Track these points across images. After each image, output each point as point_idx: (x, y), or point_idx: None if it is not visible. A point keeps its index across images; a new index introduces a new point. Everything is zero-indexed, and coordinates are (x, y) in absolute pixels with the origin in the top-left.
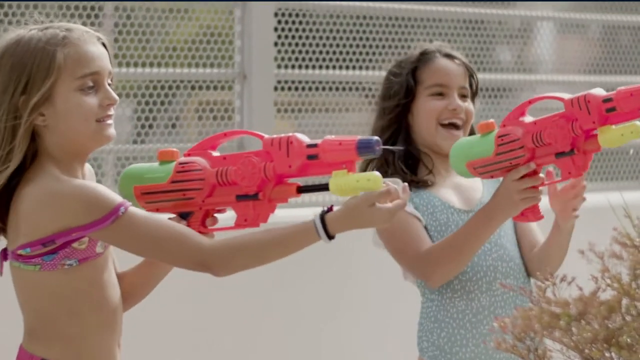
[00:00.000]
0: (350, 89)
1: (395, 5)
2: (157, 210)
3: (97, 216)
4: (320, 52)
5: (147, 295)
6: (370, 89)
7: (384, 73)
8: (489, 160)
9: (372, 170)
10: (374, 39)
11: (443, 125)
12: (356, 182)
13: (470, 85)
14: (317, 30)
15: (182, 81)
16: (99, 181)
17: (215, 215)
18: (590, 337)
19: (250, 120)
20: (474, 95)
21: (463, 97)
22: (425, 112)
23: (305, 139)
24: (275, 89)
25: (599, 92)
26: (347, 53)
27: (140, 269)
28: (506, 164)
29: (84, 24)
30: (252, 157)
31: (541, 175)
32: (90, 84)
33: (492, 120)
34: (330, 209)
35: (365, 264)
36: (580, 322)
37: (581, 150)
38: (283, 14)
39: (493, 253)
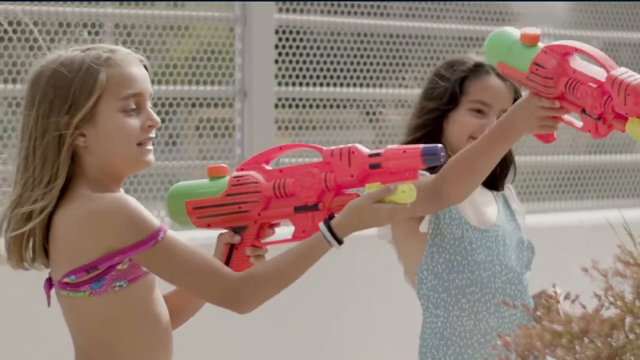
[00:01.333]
0: (351, 106)
1: (394, 22)
2: (209, 225)
3: (139, 237)
4: (321, 70)
5: (191, 317)
6: (371, 106)
7: (383, 90)
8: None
9: None
10: (374, 57)
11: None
12: (391, 196)
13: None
14: (318, 48)
15: (182, 98)
16: None
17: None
18: (592, 355)
19: (251, 137)
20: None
21: None
22: (461, 125)
23: (366, 149)
24: (276, 106)
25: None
26: (348, 70)
27: (177, 293)
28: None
29: (84, 41)
30: (311, 168)
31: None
32: (133, 105)
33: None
34: (332, 215)
35: (365, 277)
36: (582, 340)
37: (607, 122)
38: (284, 32)
39: (502, 276)
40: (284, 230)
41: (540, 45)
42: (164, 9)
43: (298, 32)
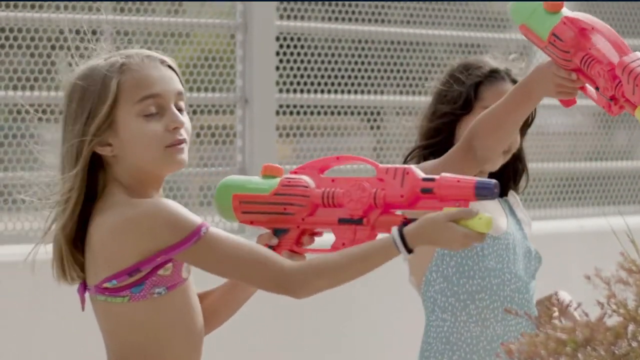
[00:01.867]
0: (352, 113)
1: (395, 29)
2: (251, 222)
3: (180, 237)
4: (322, 77)
5: (228, 320)
6: (372, 113)
7: (384, 97)
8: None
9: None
10: (374, 63)
11: None
12: (465, 221)
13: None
14: (319, 55)
15: None
16: None
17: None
18: None
19: (252, 144)
20: (527, 126)
21: None
22: None
23: (421, 172)
24: (277, 113)
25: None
26: (349, 77)
27: (222, 291)
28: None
29: (85, 48)
30: (364, 182)
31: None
32: (153, 109)
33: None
34: (407, 223)
35: (368, 287)
36: (586, 348)
37: (619, 104)
38: (285, 38)
39: (512, 284)
40: (325, 240)
41: (564, 12)
42: (164, 15)
43: (299, 39)
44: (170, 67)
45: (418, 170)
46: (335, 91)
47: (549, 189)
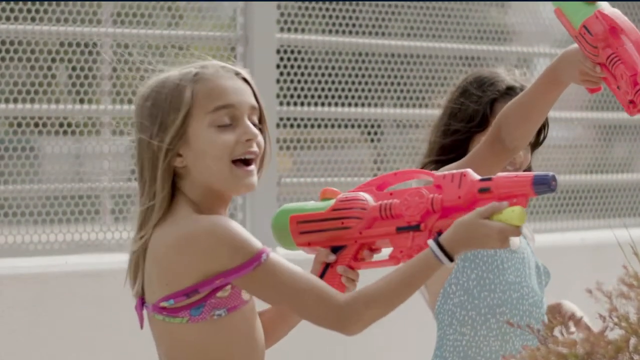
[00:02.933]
0: (353, 125)
1: (395, 42)
2: (309, 244)
3: (240, 261)
4: (322, 89)
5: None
6: (372, 126)
7: (385, 110)
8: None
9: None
10: (375, 76)
11: None
12: (499, 214)
13: (538, 134)
14: (320, 67)
15: None
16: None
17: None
18: None
19: None
20: (538, 144)
21: (529, 144)
22: None
23: (477, 175)
24: (277, 126)
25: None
26: (349, 90)
27: (274, 314)
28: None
29: (85, 60)
30: (421, 189)
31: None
32: (227, 120)
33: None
34: (440, 232)
35: None
36: None
37: (637, 108)
38: (285, 51)
39: (530, 298)
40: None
41: (599, 5)
42: (164, 28)
43: (300, 52)
44: (245, 80)
45: (474, 172)
46: (336, 104)
47: (549, 202)
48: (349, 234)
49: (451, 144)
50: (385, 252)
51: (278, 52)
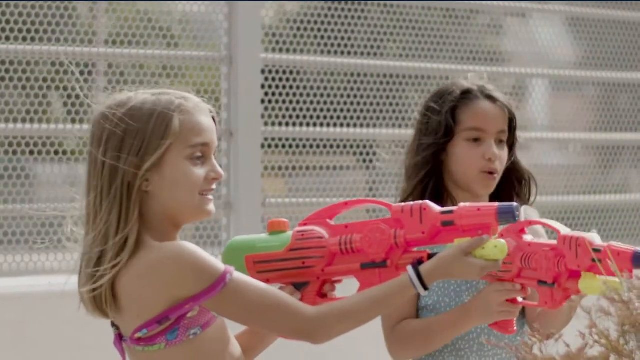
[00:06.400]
0: (345, 146)
1: (386, 62)
2: (267, 280)
3: (205, 284)
4: (307, 110)
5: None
6: (365, 147)
7: (376, 130)
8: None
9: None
10: (360, 96)
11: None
12: (482, 249)
13: (510, 129)
14: (305, 88)
15: None
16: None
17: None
18: None
19: (237, 177)
20: (513, 138)
21: (500, 142)
22: (463, 160)
23: (437, 206)
24: (262, 146)
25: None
26: (335, 110)
27: (248, 335)
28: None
29: (77, 80)
30: (380, 224)
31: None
32: (199, 154)
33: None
34: (421, 261)
35: None
36: None
37: (562, 286)
38: (270, 71)
39: None
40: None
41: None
42: (149, 47)
43: (285, 72)
44: (213, 118)
45: (434, 204)
46: (322, 124)
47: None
48: (311, 272)
49: (423, 161)
50: (347, 282)
51: (263, 72)
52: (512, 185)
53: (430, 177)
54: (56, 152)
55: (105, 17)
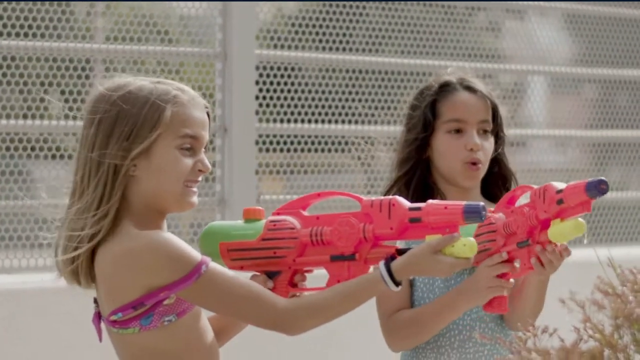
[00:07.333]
0: (340, 143)
1: (382, 59)
2: (242, 268)
3: (181, 274)
4: (302, 107)
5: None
6: (359, 143)
7: (372, 127)
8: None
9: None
10: (356, 93)
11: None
12: (451, 247)
13: (494, 118)
14: (299, 84)
15: None
16: None
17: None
18: None
19: (231, 174)
20: (498, 128)
21: (484, 132)
22: (445, 152)
23: (406, 202)
24: (257, 142)
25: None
26: (330, 107)
27: (219, 319)
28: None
29: (74, 84)
30: (350, 217)
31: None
32: (188, 145)
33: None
34: (394, 257)
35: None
36: None
37: (535, 240)
38: (264, 67)
39: (473, 313)
40: (317, 278)
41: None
42: (142, 44)
43: (279, 68)
44: (208, 114)
45: (403, 200)
46: (316, 121)
47: None
48: (282, 262)
49: (407, 156)
50: (318, 273)
51: (257, 68)
52: (498, 177)
53: (414, 173)
54: (57, 149)
55: (103, 18)
